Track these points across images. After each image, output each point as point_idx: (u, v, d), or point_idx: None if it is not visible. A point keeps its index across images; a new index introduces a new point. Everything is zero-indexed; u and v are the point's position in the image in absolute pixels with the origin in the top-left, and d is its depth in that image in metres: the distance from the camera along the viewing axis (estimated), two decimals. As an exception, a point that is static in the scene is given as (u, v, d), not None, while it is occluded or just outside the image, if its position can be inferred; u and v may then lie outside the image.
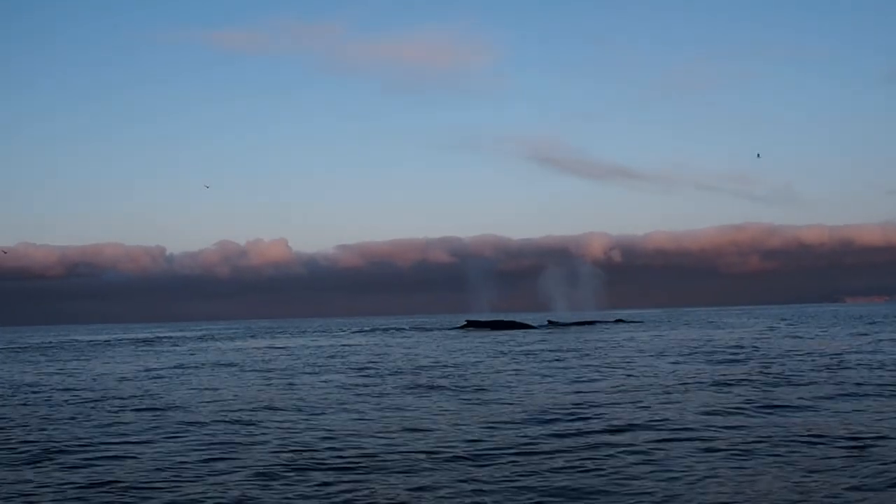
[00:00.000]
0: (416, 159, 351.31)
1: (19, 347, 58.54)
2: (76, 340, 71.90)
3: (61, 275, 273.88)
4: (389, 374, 25.42)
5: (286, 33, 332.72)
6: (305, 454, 12.18)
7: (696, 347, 35.74)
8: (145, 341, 65.06)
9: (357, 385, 22.27)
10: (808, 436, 12.60)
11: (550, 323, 75.08)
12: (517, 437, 13.13)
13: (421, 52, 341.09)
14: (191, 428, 14.95)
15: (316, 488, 10.09)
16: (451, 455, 11.79)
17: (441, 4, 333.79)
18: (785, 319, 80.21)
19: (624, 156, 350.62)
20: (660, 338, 45.96)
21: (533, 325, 71.48)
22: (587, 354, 32.89)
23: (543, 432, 13.44)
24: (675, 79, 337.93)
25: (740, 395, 17.57)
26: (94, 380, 26.46)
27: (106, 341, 67.72)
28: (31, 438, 14.34)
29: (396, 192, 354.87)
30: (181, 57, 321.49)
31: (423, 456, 11.80)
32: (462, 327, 73.62)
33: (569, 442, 12.63)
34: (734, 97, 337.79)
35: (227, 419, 15.97)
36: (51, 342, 68.55)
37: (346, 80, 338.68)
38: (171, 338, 72.60)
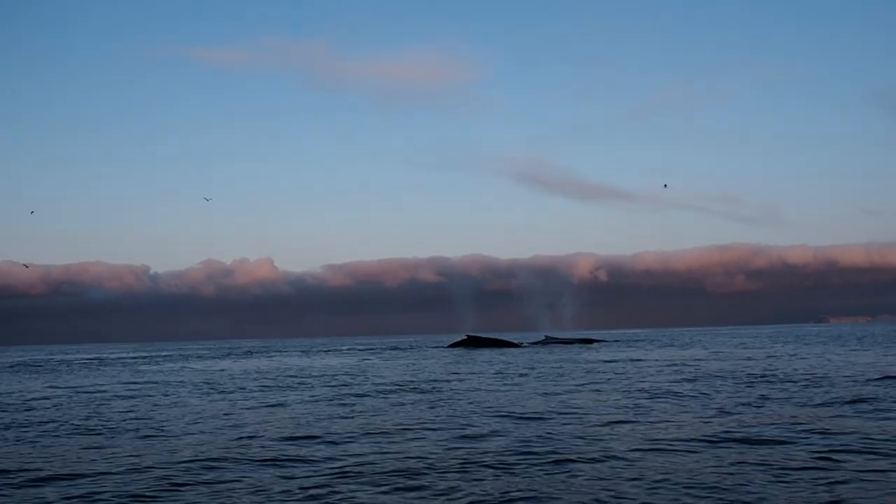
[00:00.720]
0: (404, 179, 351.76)
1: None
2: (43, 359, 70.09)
3: (45, 293, 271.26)
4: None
5: (274, 52, 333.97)
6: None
7: (758, 373, 29.45)
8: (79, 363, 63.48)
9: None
10: None
11: (547, 338, 74.56)
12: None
13: (409, 71, 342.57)
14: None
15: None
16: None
17: (429, 24, 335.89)
18: (786, 340, 78.98)
19: (612, 176, 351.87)
20: (697, 362, 43.18)
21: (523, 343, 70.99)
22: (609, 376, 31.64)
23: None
24: (662, 99, 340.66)
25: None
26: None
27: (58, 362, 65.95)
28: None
29: (384, 211, 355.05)
30: (168, 75, 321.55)
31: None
32: (457, 344, 72.70)
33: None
34: (721, 118, 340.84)
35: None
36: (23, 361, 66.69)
37: (334, 100, 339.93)
38: (121, 359, 70.95)
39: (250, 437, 15.84)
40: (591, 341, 76.60)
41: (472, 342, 71.29)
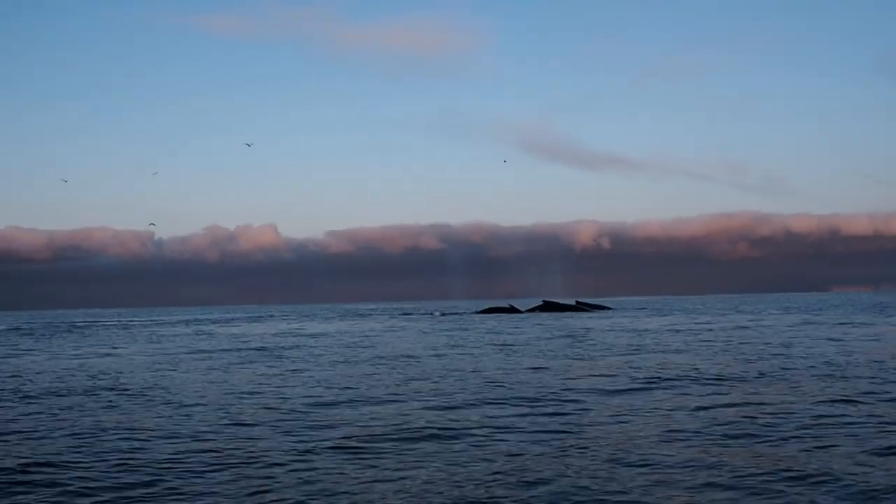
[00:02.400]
0: (407, 146, 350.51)
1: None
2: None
3: (49, 259, 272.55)
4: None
5: (276, 18, 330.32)
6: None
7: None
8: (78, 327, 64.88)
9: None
10: None
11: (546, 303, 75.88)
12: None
13: (411, 38, 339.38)
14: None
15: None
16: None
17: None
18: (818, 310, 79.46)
19: (614, 143, 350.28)
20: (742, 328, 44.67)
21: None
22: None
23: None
24: (665, 67, 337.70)
25: None
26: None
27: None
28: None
29: (387, 178, 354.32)
30: (170, 42, 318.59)
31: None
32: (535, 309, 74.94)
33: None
34: (725, 86, 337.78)
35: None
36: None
37: (336, 66, 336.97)
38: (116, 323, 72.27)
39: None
40: (601, 308, 78.53)
41: (549, 307, 74.28)
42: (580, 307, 75.82)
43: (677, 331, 42.08)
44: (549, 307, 75.12)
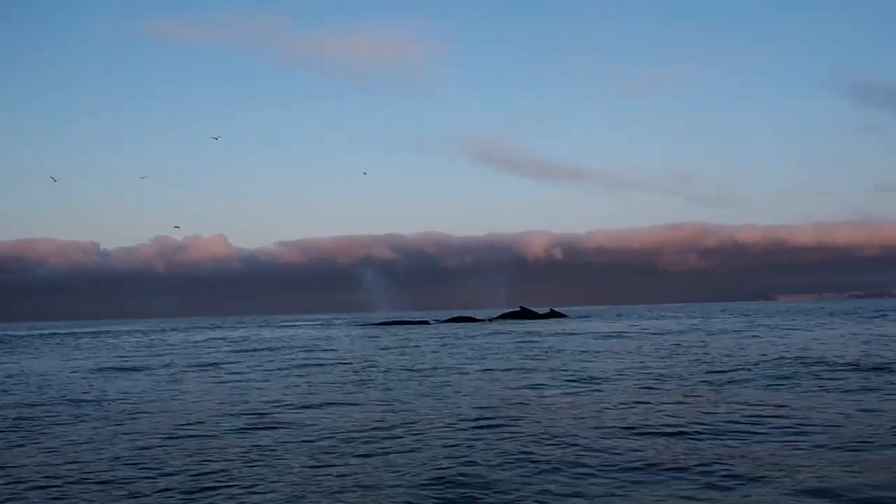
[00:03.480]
0: (360, 155, 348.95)
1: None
2: None
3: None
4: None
5: (232, 26, 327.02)
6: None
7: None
8: None
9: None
10: None
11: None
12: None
13: (369, 47, 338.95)
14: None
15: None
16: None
17: (390, 1, 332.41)
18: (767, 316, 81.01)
19: (567, 155, 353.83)
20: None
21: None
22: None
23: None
24: (617, 82, 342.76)
25: None
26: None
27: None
28: None
29: (340, 188, 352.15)
30: (122, 48, 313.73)
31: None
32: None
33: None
34: (674, 100, 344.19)
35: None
36: None
37: (291, 75, 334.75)
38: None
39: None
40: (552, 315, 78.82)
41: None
42: (528, 314, 75.66)
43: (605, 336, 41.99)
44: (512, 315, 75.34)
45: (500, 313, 78.47)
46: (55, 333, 79.54)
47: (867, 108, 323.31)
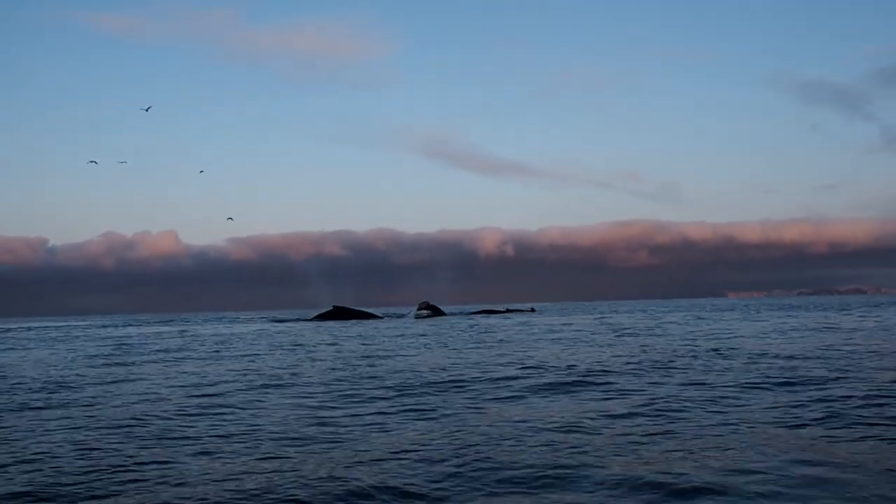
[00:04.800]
0: (311, 151, 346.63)
1: None
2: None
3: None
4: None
5: (176, 19, 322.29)
6: None
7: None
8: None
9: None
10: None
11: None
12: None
13: (315, 42, 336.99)
14: None
15: None
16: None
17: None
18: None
19: (517, 152, 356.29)
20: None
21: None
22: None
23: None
24: (565, 77, 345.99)
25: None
26: None
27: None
28: None
29: (290, 184, 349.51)
30: (63, 41, 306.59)
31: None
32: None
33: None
34: (623, 96, 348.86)
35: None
36: None
37: (239, 70, 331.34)
38: None
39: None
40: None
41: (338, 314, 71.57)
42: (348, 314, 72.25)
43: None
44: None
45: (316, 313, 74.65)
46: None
47: (813, 107, 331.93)
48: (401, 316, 75.92)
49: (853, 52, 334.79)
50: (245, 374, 19.84)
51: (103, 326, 77.82)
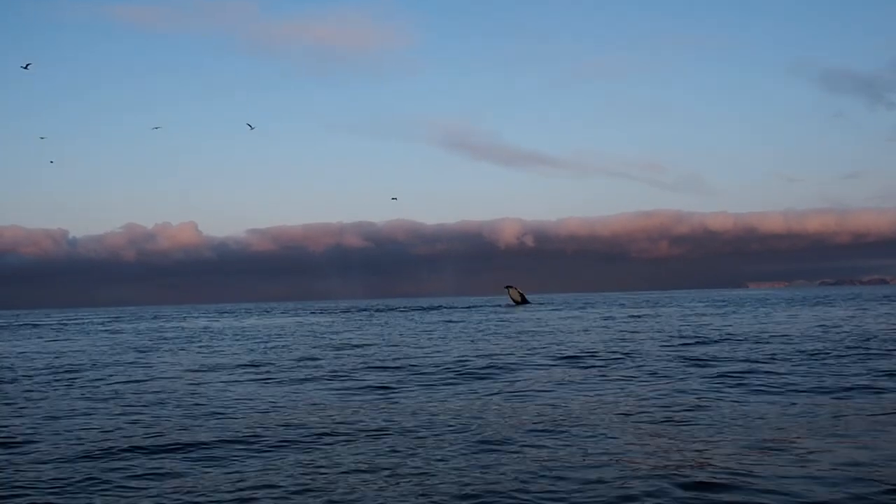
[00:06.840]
0: (331, 143, 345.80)
1: None
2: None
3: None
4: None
5: (197, 10, 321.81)
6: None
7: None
8: None
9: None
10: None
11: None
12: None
13: (334, 33, 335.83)
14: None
15: None
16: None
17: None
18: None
19: (538, 143, 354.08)
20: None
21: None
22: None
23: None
24: (588, 68, 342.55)
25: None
26: None
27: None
28: None
29: (310, 176, 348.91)
30: (87, 33, 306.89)
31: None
32: None
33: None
34: (645, 87, 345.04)
35: None
36: None
37: (259, 61, 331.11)
38: None
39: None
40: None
41: None
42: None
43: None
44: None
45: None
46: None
47: (837, 96, 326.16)
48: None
49: (876, 42, 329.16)
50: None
51: (183, 318, 76.54)
